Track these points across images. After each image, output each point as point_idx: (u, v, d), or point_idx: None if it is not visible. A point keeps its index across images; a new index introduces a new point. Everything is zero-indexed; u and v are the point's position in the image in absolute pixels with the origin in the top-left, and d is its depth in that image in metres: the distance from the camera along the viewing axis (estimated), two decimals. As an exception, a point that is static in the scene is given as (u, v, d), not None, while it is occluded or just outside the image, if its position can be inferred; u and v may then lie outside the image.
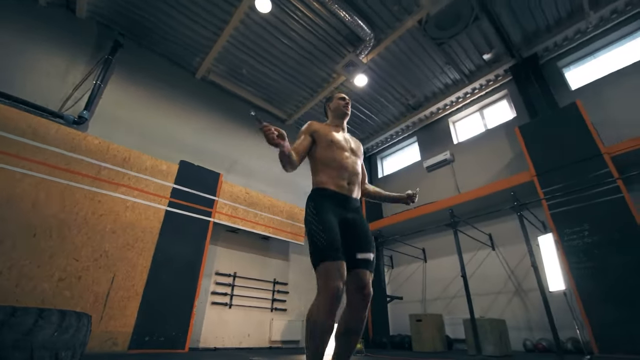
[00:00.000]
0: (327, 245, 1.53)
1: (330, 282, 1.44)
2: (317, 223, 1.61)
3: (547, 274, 4.16)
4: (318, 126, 1.96)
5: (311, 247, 1.58)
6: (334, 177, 1.81)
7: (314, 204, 1.73)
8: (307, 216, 1.72)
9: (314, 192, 1.82)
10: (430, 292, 6.97)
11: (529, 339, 5.16)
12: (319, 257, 1.51)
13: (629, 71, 5.49)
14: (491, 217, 6.30)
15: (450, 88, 7.79)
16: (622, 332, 4.02)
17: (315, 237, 1.57)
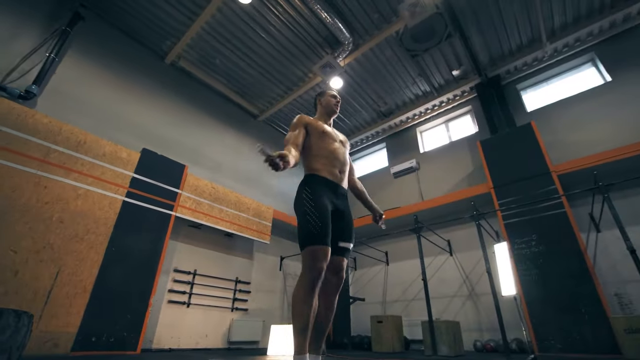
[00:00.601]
0: (321, 230, 1.63)
1: (318, 263, 1.57)
2: (312, 207, 1.69)
3: (500, 280, 4.47)
4: (309, 119, 2.05)
5: (303, 229, 1.66)
6: (327, 165, 1.92)
7: (310, 188, 1.80)
8: (300, 199, 1.78)
9: (308, 177, 1.90)
10: (390, 294, 7.20)
11: (479, 340, 5.51)
12: (311, 240, 1.61)
13: (575, 100, 6.11)
14: (451, 224, 6.66)
15: (420, 99, 8.13)
16: (560, 334, 4.44)
17: (310, 220, 1.65)
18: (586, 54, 6.37)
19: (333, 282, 1.80)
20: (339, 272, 1.81)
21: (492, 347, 5.26)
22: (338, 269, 1.81)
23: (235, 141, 7.82)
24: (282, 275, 7.51)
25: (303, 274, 1.61)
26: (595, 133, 5.57)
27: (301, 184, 1.89)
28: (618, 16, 5.83)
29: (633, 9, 5.72)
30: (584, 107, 5.92)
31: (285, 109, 8.33)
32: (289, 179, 8.88)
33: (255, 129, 8.49)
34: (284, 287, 7.45)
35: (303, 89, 7.65)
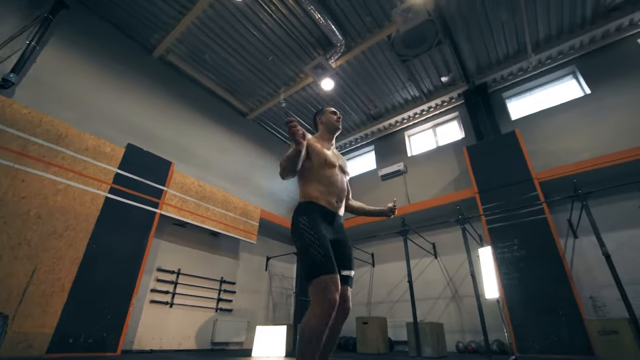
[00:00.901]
0: (326, 258, 1.55)
1: (330, 295, 1.47)
2: (313, 237, 1.62)
3: (484, 283, 4.58)
4: (312, 140, 1.92)
5: (307, 261, 1.57)
6: (325, 193, 1.82)
7: (307, 217, 1.71)
8: (298, 229, 1.68)
9: (305, 205, 1.79)
10: (375, 296, 7.26)
11: (461, 341, 5.64)
12: (319, 269, 1.52)
13: (557, 110, 6.35)
14: (436, 228, 6.77)
15: (409, 103, 8.24)
16: (538, 335, 4.59)
17: (312, 250, 1.57)
18: (568, 66, 6.64)
19: (340, 313, 1.68)
20: (345, 302, 1.71)
21: (473, 348, 5.39)
22: (345, 299, 1.70)
23: (224, 139, 7.70)
24: (268, 276, 7.45)
25: (316, 309, 1.47)
26: (575, 142, 5.80)
27: (297, 212, 1.77)
28: (598, 32, 6.10)
29: (611, 25, 6.00)
30: (564, 117, 6.16)
31: (275, 108, 8.28)
32: (277, 179, 8.82)
33: (244, 128, 8.39)
34: (269, 287, 7.40)
35: (294, 89, 7.62)
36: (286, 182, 9.06)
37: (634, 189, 4.86)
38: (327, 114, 2.14)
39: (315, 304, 1.48)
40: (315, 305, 1.47)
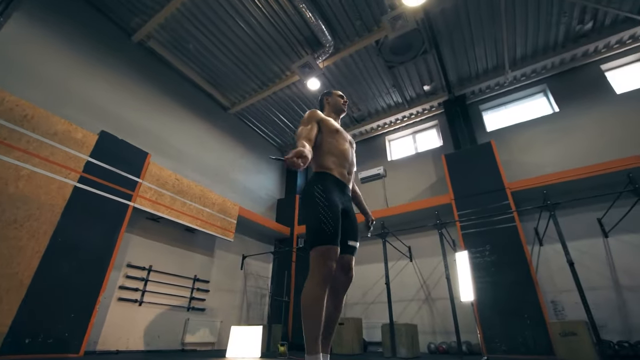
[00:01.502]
0: (333, 230, 1.62)
1: (329, 262, 1.58)
2: (326, 206, 1.68)
3: (459, 286, 4.75)
4: (322, 115, 2.03)
5: (316, 228, 1.63)
6: (337, 164, 1.91)
7: (322, 186, 1.77)
8: (311, 197, 1.74)
9: (319, 175, 1.86)
10: (351, 297, 7.32)
11: (433, 342, 5.81)
12: (324, 239, 1.60)
13: (529, 125, 6.75)
14: (412, 231, 6.95)
15: (391, 109, 8.42)
16: (505, 337, 4.84)
17: (323, 219, 1.63)
18: (539, 85, 7.08)
19: (342, 281, 1.82)
20: (349, 271, 1.84)
21: (444, 349, 5.58)
22: (348, 268, 1.83)
23: (204, 132, 7.45)
24: (243, 275, 7.28)
25: (314, 274, 1.59)
26: (544, 156, 6.19)
27: (312, 182, 1.83)
28: (567, 55, 6.56)
29: (579, 50, 6.47)
30: (535, 132, 6.56)
31: (259, 104, 8.14)
32: (255, 175, 8.68)
33: (226, 122, 8.17)
34: (244, 287, 7.23)
35: (279, 86, 7.54)
36: (265, 180, 8.94)
37: (595, 202, 5.25)
38: (334, 96, 2.28)
39: (315, 270, 1.57)
40: (315, 271, 1.57)
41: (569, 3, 5.64)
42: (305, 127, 1.89)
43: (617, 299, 4.88)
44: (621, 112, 5.86)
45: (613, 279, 5.01)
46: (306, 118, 1.96)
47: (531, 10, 5.83)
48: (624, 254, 5.04)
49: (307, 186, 1.84)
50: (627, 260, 5.00)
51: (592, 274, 5.11)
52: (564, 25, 6.09)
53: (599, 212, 5.29)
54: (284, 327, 6.78)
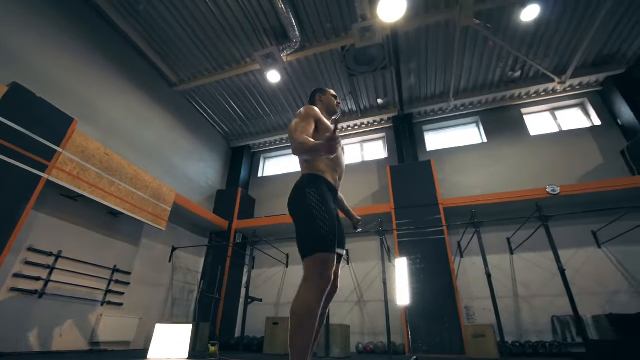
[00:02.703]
0: (332, 237, 1.52)
1: (327, 272, 1.47)
2: (323, 211, 1.57)
3: (396, 291, 5.07)
4: (320, 114, 1.90)
5: (313, 233, 1.51)
6: (331, 168, 1.82)
7: (317, 190, 1.65)
8: (305, 200, 1.61)
9: (313, 177, 1.73)
10: (285, 297, 7.26)
11: (361, 342, 6.09)
12: (323, 246, 1.48)
13: (462, 150, 7.61)
14: (353, 236, 7.21)
15: (344, 115, 8.65)
16: (427, 338, 5.32)
17: (320, 224, 1.52)
18: (474, 116, 8.04)
19: (330, 292, 1.70)
20: (335, 280, 1.74)
21: (371, 349, 5.89)
22: (335, 277, 1.73)
23: (144, 106, 6.65)
24: (171, 268, 6.67)
25: (311, 284, 1.46)
26: (473, 179, 7.04)
27: (304, 184, 1.70)
28: (498, 95, 7.58)
29: (508, 93, 7.53)
30: (467, 157, 7.41)
31: (211, 87, 7.59)
32: (196, 162, 8.06)
33: (169, 99, 7.42)
34: (170, 281, 6.62)
35: (235, 72, 7.14)
36: (206, 168, 8.36)
37: (507, 223, 6.12)
38: (328, 95, 2.16)
39: (312, 279, 1.46)
40: (313, 280, 1.45)
41: (506, 52, 6.53)
42: (303, 122, 1.76)
43: (514, 307, 5.76)
44: (534, 150, 6.99)
45: (513, 289, 5.91)
46: (304, 113, 1.82)
47: (478, 51, 6.60)
48: (524, 269, 5.99)
49: (298, 188, 1.70)
50: (525, 275, 5.95)
51: (498, 285, 5.94)
52: (500, 70, 7.03)
53: (509, 232, 6.19)
54: (212, 325, 6.39)
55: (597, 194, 5.74)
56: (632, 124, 6.30)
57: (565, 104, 7.55)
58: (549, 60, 6.68)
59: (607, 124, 6.81)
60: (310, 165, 1.79)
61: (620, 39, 6.27)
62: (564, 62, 6.68)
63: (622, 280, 5.46)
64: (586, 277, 5.55)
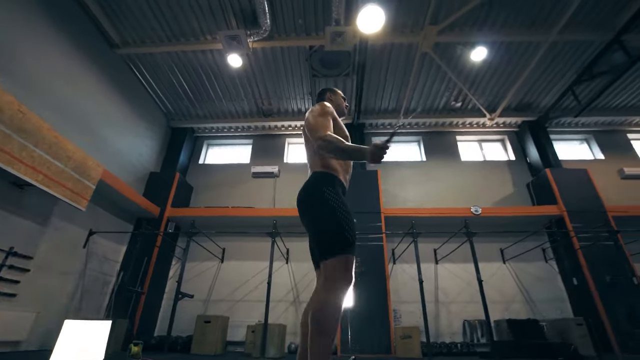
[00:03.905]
0: (353, 239, 1.50)
1: (351, 274, 1.45)
2: (344, 211, 1.54)
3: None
4: (335, 114, 1.88)
5: (337, 234, 1.48)
6: (343, 169, 1.80)
7: (334, 190, 1.61)
8: (324, 200, 1.56)
9: (329, 176, 1.68)
10: (217, 293, 6.86)
11: (294, 342, 6.08)
12: (348, 248, 1.47)
13: (405, 165, 8.23)
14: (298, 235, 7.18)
15: (300, 114, 8.60)
16: (359, 339, 5.58)
17: (344, 225, 1.50)
18: (417, 135, 8.78)
19: None
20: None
21: (303, 348, 5.93)
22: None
23: (75, 64, 5.64)
24: (85, 255, 5.74)
25: (336, 286, 1.41)
26: (412, 193, 7.66)
27: (320, 182, 1.65)
28: (440, 120, 8.42)
29: (447, 119, 8.41)
30: (408, 172, 8.05)
31: (160, 57, 6.81)
32: (131, 137, 7.13)
33: (107, 61, 6.43)
34: (83, 270, 5.69)
35: (192, 47, 6.55)
36: (141, 145, 7.47)
37: (435, 236, 6.80)
38: (339, 95, 2.18)
39: (337, 281, 1.42)
40: (337, 282, 1.42)
41: (453, 83, 7.31)
42: (323, 118, 1.72)
43: (434, 311, 6.42)
44: (463, 174, 7.93)
45: (435, 295, 6.59)
46: (324, 110, 1.78)
47: (431, 77, 7.24)
48: (445, 278, 6.74)
49: (314, 186, 1.65)
50: (445, 283, 6.69)
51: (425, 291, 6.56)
52: (445, 98, 7.82)
53: (436, 244, 6.90)
54: (130, 322, 5.68)
55: (508, 217, 6.78)
56: (536, 163, 7.62)
57: (490, 138, 8.77)
58: (485, 98, 7.68)
59: (519, 159, 8.13)
60: (324, 162, 1.74)
61: (537, 92, 7.55)
62: (495, 102, 7.76)
63: (517, 292, 6.53)
64: (492, 288, 6.48)
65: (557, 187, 6.78)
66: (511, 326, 5.44)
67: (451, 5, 5.70)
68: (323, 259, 1.47)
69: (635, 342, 5.15)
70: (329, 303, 1.36)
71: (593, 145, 8.35)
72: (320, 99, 2.15)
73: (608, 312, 5.48)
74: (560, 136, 8.41)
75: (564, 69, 6.84)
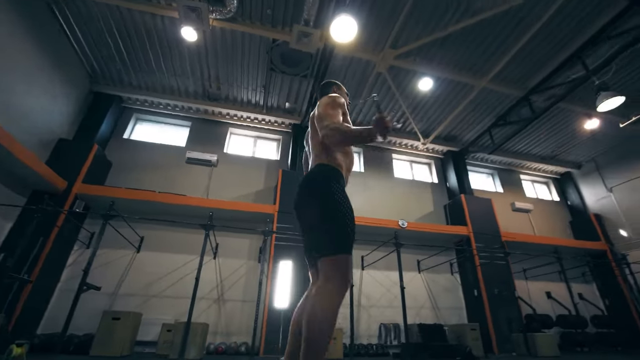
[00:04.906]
0: (353, 236, 1.48)
1: (350, 274, 1.44)
2: (349, 210, 1.51)
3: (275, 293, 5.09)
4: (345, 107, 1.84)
5: (342, 233, 1.44)
6: (346, 165, 1.80)
7: (340, 187, 1.59)
8: (332, 196, 1.52)
9: (334, 171, 1.66)
10: (127, 286, 6.07)
11: (212, 343, 5.73)
12: (347, 247, 1.44)
13: (344, 173, 8.56)
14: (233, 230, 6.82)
15: (249, 105, 8.28)
16: (282, 339, 5.54)
17: (349, 223, 1.47)
18: (360, 147, 9.24)
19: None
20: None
21: (222, 349, 5.63)
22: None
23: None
24: (-48, 229, 4.49)
25: (335, 285, 1.37)
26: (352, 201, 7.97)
27: (328, 176, 1.61)
28: (380, 136, 9.02)
29: (389, 138, 9.08)
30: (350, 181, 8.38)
31: (98, 8, 5.80)
32: (40, 94, 5.89)
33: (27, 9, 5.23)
34: (-54, 247, 4.43)
35: (142, 7, 5.76)
36: (52, 105, 6.22)
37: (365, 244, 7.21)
38: (343, 91, 2.14)
39: (334, 280, 1.37)
40: (335, 282, 1.37)
41: (399, 105, 7.93)
42: (333, 110, 1.68)
43: (356, 314, 6.76)
44: (395, 189, 8.62)
45: (358, 299, 6.96)
46: (335, 102, 1.73)
47: (381, 96, 7.72)
48: (368, 284, 7.19)
49: (321, 180, 1.60)
50: (368, 288, 7.14)
51: (348, 294, 6.89)
52: (389, 117, 8.40)
53: (364, 251, 7.32)
54: (7, 317, 4.62)
55: (427, 233, 7.59)
56: (454, 188, 8.75)
57: (420, 160, 9.74)
58: (422, 124, 8.53)
59: (441, 183, 9.21)
60: (330, 154, 1.70)
61: (463, 127, 8.71)
62: (430, 129, 8.68)
63: (427, 299, 7.34)
64: (407, 295, 7.10)
65: (468, 211, 7.89)
66: (422, 330, 6.07)
67: (411, 35, 6.21)
68: (323, 256, 1.42)
69: (510, 344, 6.28)
70: (331, 305, 1.32)
71: (496, 179, 9.98)
72: (325, 90, 2.11)
73: (493, 319, 6.55)
74: (475, 168, 9.83)
75: (486, 112, 8.05)
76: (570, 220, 9.77)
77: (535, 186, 10.53)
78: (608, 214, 9.04)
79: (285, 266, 6.20)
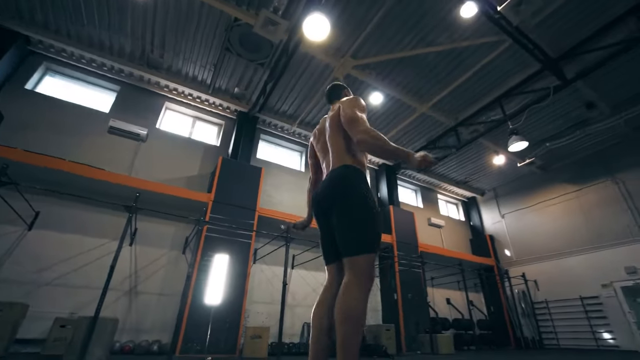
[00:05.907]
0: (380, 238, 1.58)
1: (374, 272, 1.63)
2: (378, 212, 1.61)
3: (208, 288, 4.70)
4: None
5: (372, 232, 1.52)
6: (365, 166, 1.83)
7: (369, 188, 1.65)
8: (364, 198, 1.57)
9: (363, 174, 1.69)
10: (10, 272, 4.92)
11: (118, 340, 5.02)
12: (374, 248, 1.52)
13: (285, 170, 8.48)
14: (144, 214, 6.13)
15: (193, 81, 7.58)
16: (203, 338, 5.18)
17: (379, 224, 1.56)
18: (302, 147, 9.25)
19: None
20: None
21: (130, 348, 4.98)
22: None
23: None
24: None
25: (363, 283, 1.44)
26: (287, 198, 7.92)
27: (358, 178, 1.64)
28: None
29: (330, 141, 9.31)
30: (288, 178, 8.34)
31: None
32: None
33: None
34: None
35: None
36: None
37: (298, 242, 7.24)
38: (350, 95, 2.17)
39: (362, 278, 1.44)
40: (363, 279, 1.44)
41: (348, 112, 8.20)
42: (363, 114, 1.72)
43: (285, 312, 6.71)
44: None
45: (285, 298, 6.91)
46: (362, 106, 1.79)
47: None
48: (296, 282, 7.21)
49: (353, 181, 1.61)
50: (296, 287, 7.16)
51: (274, 291, 6.79)
52: (337, 122, 8.65)
53: (296, 251, 7.33)
54: None
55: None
56: (384, 199, 9.43)
57: (357, 168, 10.21)
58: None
59: (373, 193, 9.80)
60: (355, 157, 1.73)
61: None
62: (371, 141, 9.17)
63: (349, 301, 7.69)
64: (332, 295, 7.39)
65: (394, 221, 8.57)
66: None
67: (372, 48, 6.50)
68: (354, 254, 1.47)
69: (417, 343, 7.01)
70: (361, 302, 1.40)
71: (418, 196, 11.08)
72: (337, 92, 2.13)
73: (405, 321, 7.23)
74: (403, 183, 10.75)
75: (421, 134, 8.90)
76: (471, 238, 11.44)
77: (448, 206, 12.04)
78: (499, 235, 10.87)
79: (220, 260, 5.82)
